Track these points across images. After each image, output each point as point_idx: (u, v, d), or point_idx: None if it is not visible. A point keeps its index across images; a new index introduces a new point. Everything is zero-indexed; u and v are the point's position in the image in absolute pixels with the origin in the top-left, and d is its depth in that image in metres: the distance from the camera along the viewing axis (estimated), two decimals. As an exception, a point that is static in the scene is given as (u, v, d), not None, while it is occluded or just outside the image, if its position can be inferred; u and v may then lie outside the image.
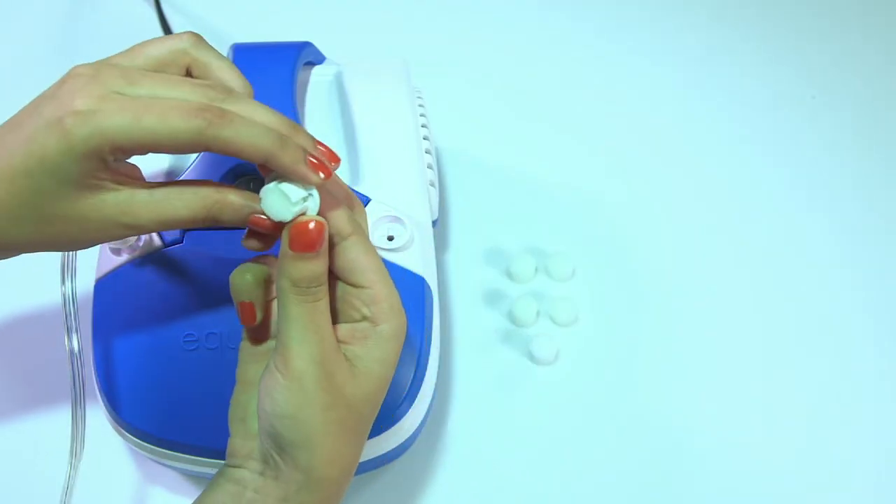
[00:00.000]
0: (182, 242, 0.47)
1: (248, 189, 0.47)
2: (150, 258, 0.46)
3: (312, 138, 0.38)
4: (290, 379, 0.35)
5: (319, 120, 0.54)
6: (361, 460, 0.45)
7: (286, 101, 0.50)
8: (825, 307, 0.59)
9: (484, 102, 0.71)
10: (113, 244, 0.46)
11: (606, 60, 0.75)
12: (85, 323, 0.44)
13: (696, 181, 0.66)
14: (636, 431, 0.53)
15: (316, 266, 0.36)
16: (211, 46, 0.40)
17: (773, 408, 0.54)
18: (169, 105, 0.35)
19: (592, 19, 0.78)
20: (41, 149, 0.35)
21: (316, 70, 0.56)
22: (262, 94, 0.49)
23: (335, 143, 0.53)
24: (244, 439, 0.38)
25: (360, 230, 0.38)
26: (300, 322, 0.35)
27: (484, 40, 0.76)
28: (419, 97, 0.57)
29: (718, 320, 0.58)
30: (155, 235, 0.47)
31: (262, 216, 0.37)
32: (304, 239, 0.35)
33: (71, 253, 0.43)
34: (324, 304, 0.36)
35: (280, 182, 0.36)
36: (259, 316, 0.38)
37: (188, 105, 0.35)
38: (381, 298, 0.37)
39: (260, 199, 0.37)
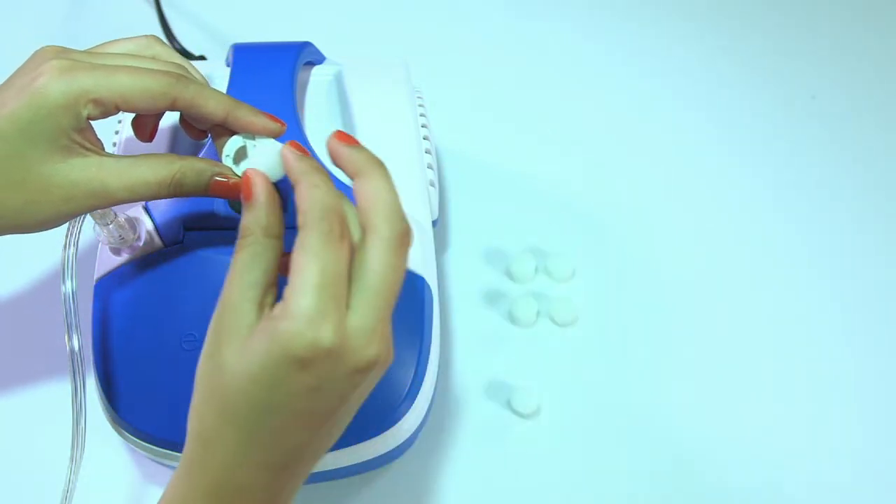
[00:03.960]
0: (182, 242, 0.47)
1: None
2: (150, 258, 0.46)
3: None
4: None
5: (319, 120, 0.54)
6: (361, 460, 0.45)
7: (286, 101, 0.50)
8: (828, 308, 0.59)
9: (484, 102, 0.71)
10: (113, 244, 0.46)
11: (606, 62, 0.75)
12: (85, 323, 0.44)
13: (696, 182, 0.66)
14: (635, 431, 0.53)
15: (246, 216, 0.35)
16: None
17: (775, 406, 0.54)
18: (138, 68, 0.39)
19: (594, 20, 0.78)
20: (13, 111, 0.37)
21: (316, 70, 0.56)
22: (261, 94, 0.49)
23: (335, 143, 0.53)
24: None
25: (313, 223, 0.33)
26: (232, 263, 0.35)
27: (484, 40, 0.76)
28: (419, 97, 0.57)
29: (718, 320, 0.58)
30: (155, 235, 0.47)
31: (224, 179, 0.40)
32: (224, 185, 0.40)
33: (71, 252, 0.43)
34: (247, 256, 0.34)
35: (247, 139, 0.41)
36: None
37: (155, 70, 0.40)
38: (288, 297, 0.33)
39: (222, 163, 0.41)
